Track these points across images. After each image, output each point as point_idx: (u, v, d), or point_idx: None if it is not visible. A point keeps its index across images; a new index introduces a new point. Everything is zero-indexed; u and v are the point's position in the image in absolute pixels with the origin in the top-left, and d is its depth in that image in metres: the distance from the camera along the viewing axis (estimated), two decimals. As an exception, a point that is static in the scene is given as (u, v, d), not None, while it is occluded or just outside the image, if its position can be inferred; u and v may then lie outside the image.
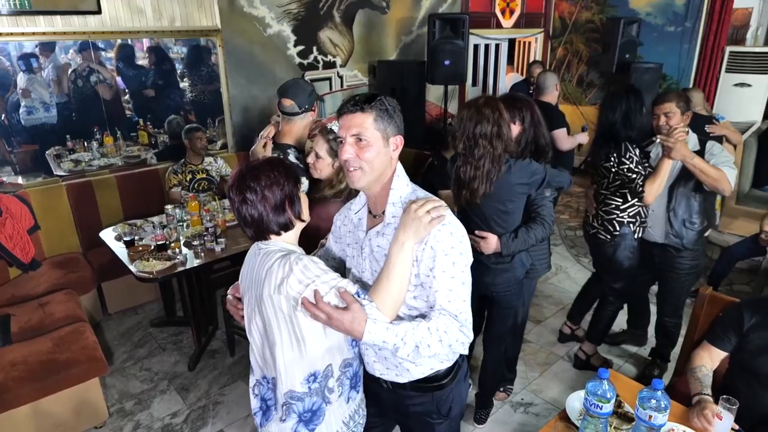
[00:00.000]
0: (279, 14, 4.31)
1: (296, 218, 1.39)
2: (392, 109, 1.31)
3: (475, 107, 1.98)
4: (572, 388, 2.82)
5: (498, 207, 2.08)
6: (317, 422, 1.35)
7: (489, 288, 2.23)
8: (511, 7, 6.19)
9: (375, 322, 1.21)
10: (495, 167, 1.98)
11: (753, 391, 1.81)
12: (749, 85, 5.36)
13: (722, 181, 2.30)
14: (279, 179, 1.34)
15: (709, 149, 2.43)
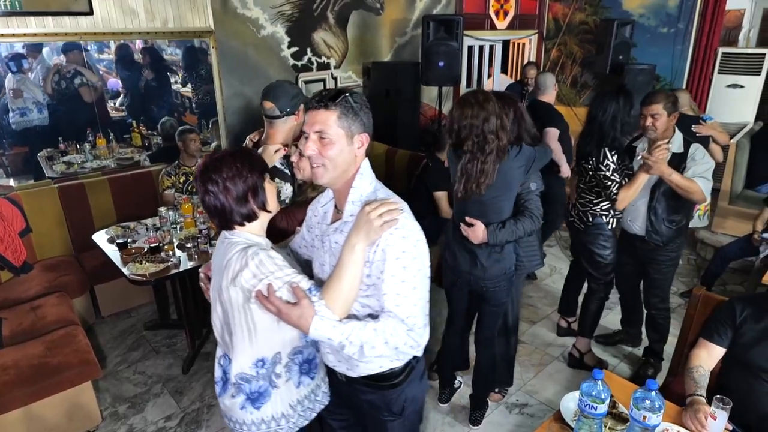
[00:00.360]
0: (273, 15, 4.30)
1: (260, 209, 1.41)
2: (358, 107, 1.29)
3: (478, 104, 2.00)
4: (567, 389, 2.82)
5: (497, 194, 2.11)
6: (263, 402, 1.44)
7: (480, 283, 2.25)
8: (505, 8, 6.20)
9: (322, 319, 1.25)
10: (500, 157, 2.03)
11: (748, 384, 1.83)
12: (742, 86, 5.39)
13: (696, 193, 2.42)
14: (242, 171, 1.36)
15: (692, 153, 2.48)
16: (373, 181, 1.38)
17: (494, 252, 2.18)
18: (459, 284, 2.31)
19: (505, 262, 2.22)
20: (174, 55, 4.37)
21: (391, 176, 4.45)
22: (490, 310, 2.36)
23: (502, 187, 2.09)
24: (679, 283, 4.04)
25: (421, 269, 1.32)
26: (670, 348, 3.14)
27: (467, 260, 2.22)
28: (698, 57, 5.55)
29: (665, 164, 2.37)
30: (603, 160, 2.54)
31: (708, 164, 2.49)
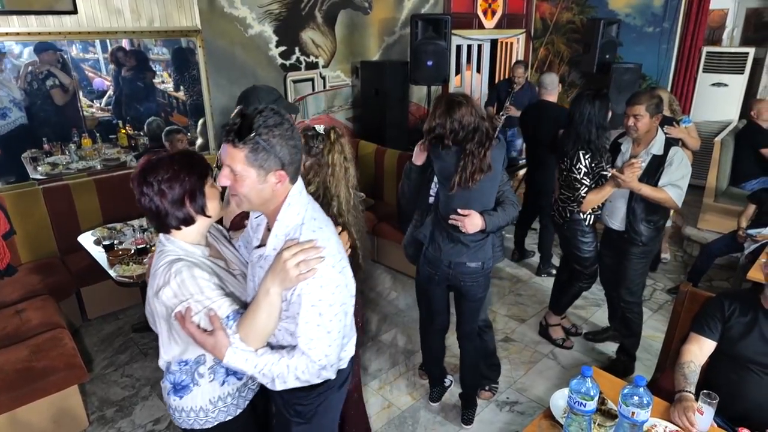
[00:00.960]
0: (260, 15, 4.27)
1: (198, 213, 1.37)
2: (274, 143, 1.18)
3: (467, 102, 2.05)
4: (557, 386, 2.84)
5: (486, 185, 2.14)
6: (184, 393, 1.47)
7: (459, 278, 2.27)
8: (493, 8, 6.23)
9: (235, 352, 1.26)
10: (489, 147, 2.07)
11: (736, 376, 1.87)
12: (726, 84, 5.46)
13: (667, 201, 2.51)
14: (179, 173, 1.33)
15: (670, 157, 2.52)
16: (301, 212, 1.30)
17: (480, 241, 2.22)
18: (437, 279, 2.32)
19: (486, 252, 2.26)
20: (161, 55, 4.33)
21: (380, 175, 4.45)
22: (468, 306, 2.38)
23: (492, 176, 2.13)
24: (666, 279, 4.08)
25: (338, 313, 1.30)
26: (656, 343, 3.18)
27: (452, 250, 2.23)
28: (683, 56, 5.61)
29: (635, 180, 2.46)
30: (576, 163, 2.68)
31: (683, 171, 2.52)
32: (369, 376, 2.96)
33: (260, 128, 1.17)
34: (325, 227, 1.32)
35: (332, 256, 1.28)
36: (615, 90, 5.09)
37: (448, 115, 2.02)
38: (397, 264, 4.13)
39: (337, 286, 1.29)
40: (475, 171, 2.04)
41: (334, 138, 1.78)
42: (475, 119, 2.03)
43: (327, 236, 1.30)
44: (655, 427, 1.60)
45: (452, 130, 2.02)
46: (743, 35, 5.74)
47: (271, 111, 1.20)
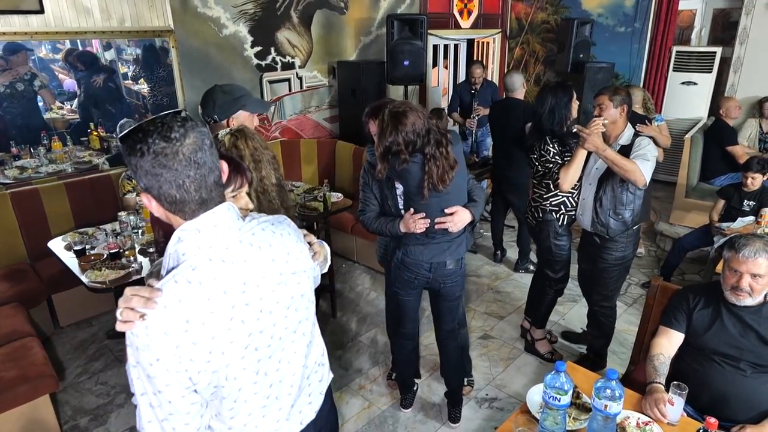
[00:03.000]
0: (234, 14, 4.23)
1: None
2: (131, 165, 0.97)
3: (413, 109, 2.01)
4: (535, 382, 2.86)
5: (458, 181, 2.13)
6: None
7: (439, 280, 2.27)
8: (469, 8, 6.27)
9: None
10: (448, 143, 2.06)
11: (702, 367, 1.92)
12: (695, 83, 5.60)
13: (633, 172, 2.39)
14: None
15: (637, 143, 2.53)
16: (189, 253, 1.02)
17: (458, 238, 2.22)
18: (417, 282, 2.30)
19: (462, 249, 2.28)
20: (133, 55, 4.25)
21: (359, 176, 4.44)
22: (447, 306, 2.39)
23: (460, 171, 2.12)
24: (640, 274, 4.17)
25: (170, 384, 0.99)
26: (631, 337, 3.24)
27: (432, 251, 2.21)
28: (654, 55, 5.73)
29: (599, 138, 2.43)
30: (544, 146, 2.70)
31: (650, 150, 2.47)
32: (349, 377, 2.95)
33: (124, 147, 0.96)
34: (195, 287, 0.99)
35: (171, 316, 0.96)
36: (589, 89, 5.17)
37: (397, 129, 1.97)
38: (375, 264, 4.12)
39: (158, 359, 0.97)
40: (443, 173, 2.01)
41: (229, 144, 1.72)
42: (423, 122, 2.00)
43: (187, 296, 0.98)
44: (628, 419, 1.63)
45: (408, 142, 1.98)
46: (711, 35, 5.89)
47: (159, 127, 0.95)
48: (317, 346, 1.33)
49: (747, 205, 3.55)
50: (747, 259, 1.80)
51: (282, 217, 1.25)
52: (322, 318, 3.48)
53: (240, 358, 1.07)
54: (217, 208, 1.04)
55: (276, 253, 1.14)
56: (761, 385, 1.85)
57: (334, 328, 3.43)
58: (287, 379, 1.20)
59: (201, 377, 1.02)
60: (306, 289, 1.23)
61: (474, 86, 5.12)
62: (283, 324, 1.16)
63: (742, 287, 1.82)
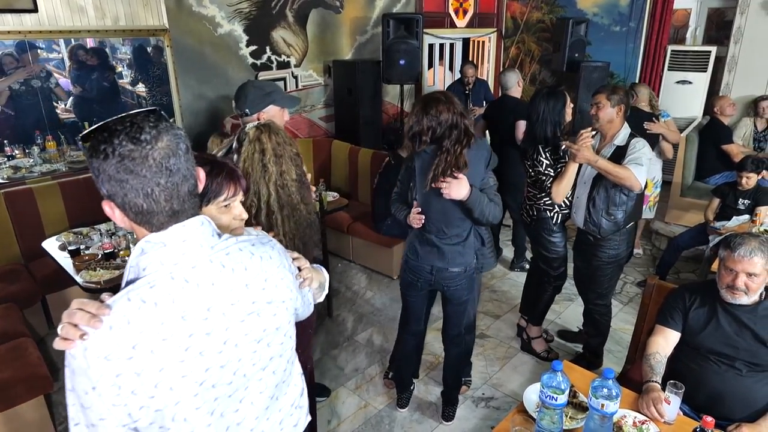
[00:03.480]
0: (230, 13, 4.21)
1: None
2: (92, 168, 0.86)
3: (447, 99, 2.04)
4: (531, 381, 2.87)
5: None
6: None
7: (441, 282, 2.26)
8: (464, 7, 6.27)
9: None
10: (466, 145, 2.05)
11: (698, 366, 1.93)
12: (690, 82, 5.62)
13: (628, 179, 2.40)
14: None
15: (632, 145, 2.52)
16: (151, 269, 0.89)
17: (458, 246, 2.20)
18: (420, 284, 2.30)
19: (467, 257, 2.24)
20: (128, 54, 4.22)
21: (354, 175, 4.44)
22: (453, 309, 2.38)
23: (470, 178, 2.10)
24: (636, 273, 4.18)
25: (104, 419, 0.85)
26: (627, 335, 3.25)
27: (431, 254, 2.21)
28: (649, 54, 5.75)
29: (589, 151, 2.44)
30: (537, 157, 2.71)
31: (644, 154, 2.46)
32: (345, 377, 2.95)
33: (86, 147, 0.86)
34: (149, 308, 0.86)
35: (116, 340, 0.83)
36: (585, 88, 5.18)
37: (425, 112, 2.02)
38: (372, 263, 4.13)
39: (87, 389, 0.84)
40: (446, 167, 2.02)
41: (253, 137, 1.79)
42: (453, 116, 2.02)
43: (138, 317, 0.85)
44: (625, 418, 1.63)
45: (429, 127, 2.02)
46: (705, 34, 5.91)
47: (128, 127, 0.84)
48: (294, 386, 1.17)
49: (742, 203, 3.57)
50: (743, 258, 1.81)
51: (267, 238, 1.12)
52: (318, 318, 3.49)
53: (192, 396, 0.91)
54: (189, 222, 0.92)
55: (251, 277, 0.99)
56: (757, 384, 1.86)
57: (329, 327, 3.42)
58: (248, 422, 1.04)
59: (142, 414, 0.86)
60: (283, 321, 1.07)
61: (467, 86, 5.13)
62: (251, 359, 1.00)
63: (737, 286, 1.83)
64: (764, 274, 1.82)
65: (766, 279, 1.84)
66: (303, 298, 1.22)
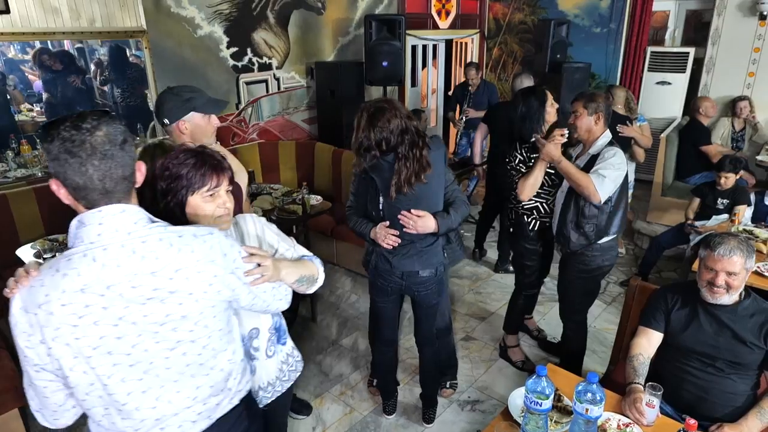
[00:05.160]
0: (209, 15, 4.15)
1: None
2: (45, 153, 1.05)
3: (392, 107, 1.98)
4: (517, 384, 2.86)
5: (431, 188, 2.08)
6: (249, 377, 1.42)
7: (412, 287, 2.23)
8: (447, 8, 6.28)
9: None
10: (423, 147, 2.01)
11: (681, 366, 1.94)
12: (669, 83, 5.70)
13: (586, 187, 2.32)
14: None
15: (602, 154, 2.41)
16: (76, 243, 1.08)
17: (430, 246, 2.17)
18: (390, 289, 2.26)
19: (438, 255, 2.22)
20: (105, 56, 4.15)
21: (338, 177, 4.41)
22: (423, 312, 2.36)
23: (434, 178, 2.07)
24: (618, 272, 4.21)
25: (26, 356, 1.09)
26: (610, 335, 3.26)
27: (403, 259, 2.17)
28: (629, 55, 5.81)
29: (556, 149, 2.40)
30: (513, 153, 2.69)
31: (614, 164, 2.34)
32: (330, 382, 2.92)
33: (41, 134, 1.09)
34: (59, 277, 1.03)
35: (30, 297, 1.04)
36: (567, 89, 5.21)
37: (371, 125, 1.95)
38: (356, 266, 4.09)
39: (18, 324, 1.06)
40: (410, 175, 1.97)
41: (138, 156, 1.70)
42: (401, 121, 1.96)
43: (49, 283, 1.04)
44: (609, 421, 1.63)
45: (379, 140, 1.95)
46: (684, 35, 6.00)
47: (74, 118, 1.03)
48: (220, 371, 1.25)
49: (721, 203, 3.62)
50: (722, 257, 1.82)
51: (206, 230, 1.19)
52: (302, 322, 3.45)
53: (86, 356, 1.07)
54: (106, 208, 1.07)
55: (160, 266, 1.09)
56: (738, 383, 1.88)
57: (314, 332, 3.39)
58: (153, 391, 1.16)
59: (48, 360, 1.07)
60: (191, 312, 1.14)
61: (470, 88, 5.15)
62: (153, 338, 1.11)
63: (718, 284, 1.84)
64: (744, 273, 1.83)
65: (746, 277, 1.85)
66: (255, 292, 1.30)
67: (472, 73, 5.13)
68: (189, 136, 1.97)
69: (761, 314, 1.86)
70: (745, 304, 1.88)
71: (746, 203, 3.54)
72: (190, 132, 1.95)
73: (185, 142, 1.97)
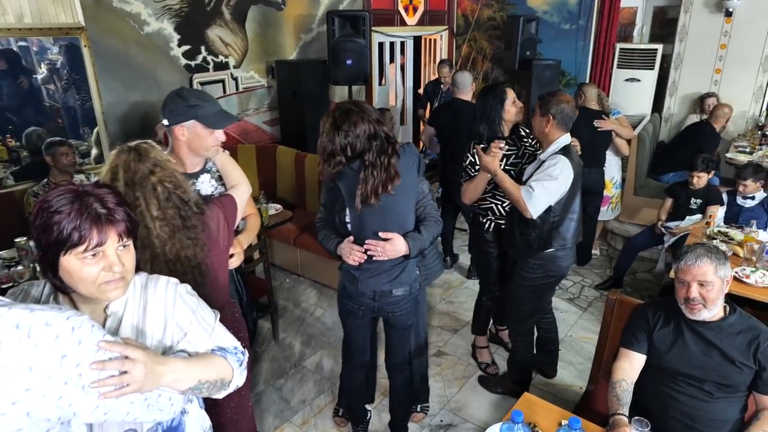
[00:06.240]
0: (157, 10, 3.85)
1: None
2: None
3: (359, 109, 1.79)
4: (493, 403, 2.71)
5: (400, 201, 1.88)
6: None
7: (385, 308, 2.02)
8: (414, 4, 6.09)
9: None
10: (392, 154, 1.81)
11: (668, 390, 1.80)
12: (638, 80, 5.64)
13: (517, 201, 2.24)
14: None
15: (545, 164, 2.27)
16: None
17: (397, 268, 1.96)
18: (362, 312, 2.06)
19: (411, 273, 2.01)
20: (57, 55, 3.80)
21: (302, 183, 4.17)
22: (398, 335, 2.16)
23: (404, 190, 1.88)
24: (593, 275, 4.11)
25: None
26: (588, 345, 3.14)
27: (373, 278, 1.97)
28: (599, 52, 5.73)
29: (492, 162, 2.28)
30: (467, 152, 2.57)
31: (551, 174, 2.20)
32: (291, 410, 2.69)
33: None
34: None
35: None
36: (537, 86, 5.10)
37: (336, 129, 1.76)
38: (322, 277, 3.87)
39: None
40: (377, 185, 1.77)
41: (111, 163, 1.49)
42: (369, 126, 1.77)
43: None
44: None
45: (345, 145, 1.76)
46: (652, 32, 5.96)
47: None
48: None
49: (694, 203, 3.55)
50: (690, 266, 1.71)
51: (43, 316, 0.87)
52: (262, 343, 3.21)
53: None
54: None
55: None
56: (727, 407, 1.75)
57: (275, 353, 3.14)
58: None
59: None
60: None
61: (442, 86, 4.99)
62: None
63: (692, 297, 1.71)
64: (718, 282, 1.70)
65: (723, 288, 1.72)
66: (111, 405, 0.94)
67: (445, 71, 4.97)
68: (186, 144, 1.85)
69: (749, 331, 1.73)
70: (730, 320, 1.75)
71: (719, 203, 3.48)
72: (188, 140, 1.84)
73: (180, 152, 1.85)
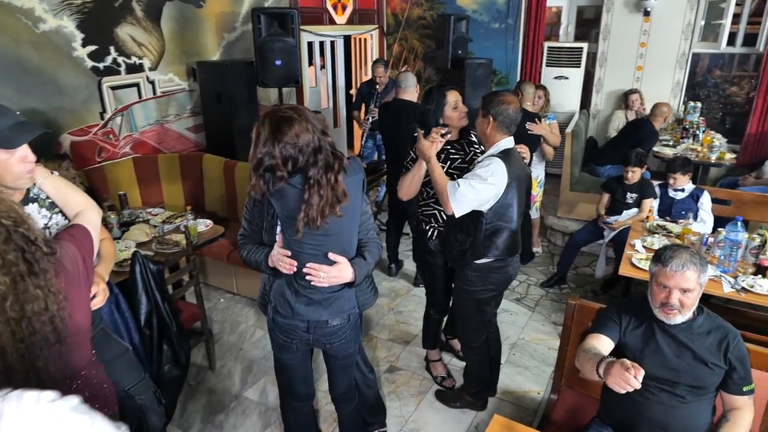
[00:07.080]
0: (55, 6, 3.39)
1: None
2: None
3: (301, 117, 1.54)
4: (453, 419, 2.57)
5: (345, 223, 1.65)
6: None
7: (322, 340, 1.81)
8: (343, 2, 5.89)
9: None
10: (339, 170, 1.59)
11: (639, 395, 1.69)
12: (567, 77, 5.77)
13: (441, 192, 2.11)
14: None
15: (478, 163, 2.19)
16: None
17: (335, 296, 1.75)
18: (295, 346, 1.83)
19: (351, 300, 1.82)
20: None
21: (232, 193, 3.84)
22: (340, 365, 1.94)
23: (351, 210, 1.67)
24: (537, 273, 4.11)
25: None
26: (542, 347, 3.09)
27: (308, 307, 1.74)
28: (528, 51, 5.82)
29: (429, 148, 2.13)
30: (410, 151, 2.45)
31: (479, 175, 2.08)
32: (234, 450, 2.41)
33: None
34: None
35: None
36: (470, 85, 5.08)
37: (276, 139, 1.50)
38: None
39: None
40: (324, 205, 1.55)
41: None
42: (313, 137, 1.53)
43: None
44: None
45: (286, 158, 1.51)
46: (576, 31, 6.13)
47: None
48: None
49: (630, 197, 3.61)
50: (675, 273, 1.62)
51: None
52: (197, 374, 2.89)
53: None
54: None
55: None
56: (699, 410, 1.70)
57: (213, 384, 2.83)
58: None
59: None
60: None
61: (377, 86, 4.80)
62: None
63: (672, 303, 1.64)
64: (698, 289, 1.65)
65: (700, 293, 1.67)
66: None
67: (379, 71, 4.80)
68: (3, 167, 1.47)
69: (717, 331, 1.69)
70: (699, 321, 1.71)
71: (653, 196, 3.56)
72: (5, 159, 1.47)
73: None
